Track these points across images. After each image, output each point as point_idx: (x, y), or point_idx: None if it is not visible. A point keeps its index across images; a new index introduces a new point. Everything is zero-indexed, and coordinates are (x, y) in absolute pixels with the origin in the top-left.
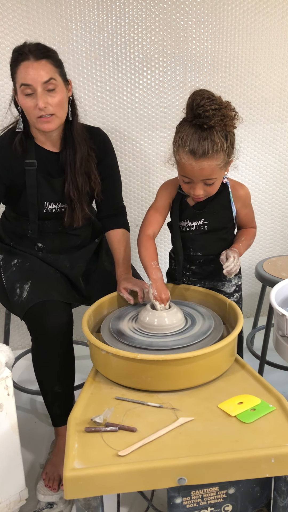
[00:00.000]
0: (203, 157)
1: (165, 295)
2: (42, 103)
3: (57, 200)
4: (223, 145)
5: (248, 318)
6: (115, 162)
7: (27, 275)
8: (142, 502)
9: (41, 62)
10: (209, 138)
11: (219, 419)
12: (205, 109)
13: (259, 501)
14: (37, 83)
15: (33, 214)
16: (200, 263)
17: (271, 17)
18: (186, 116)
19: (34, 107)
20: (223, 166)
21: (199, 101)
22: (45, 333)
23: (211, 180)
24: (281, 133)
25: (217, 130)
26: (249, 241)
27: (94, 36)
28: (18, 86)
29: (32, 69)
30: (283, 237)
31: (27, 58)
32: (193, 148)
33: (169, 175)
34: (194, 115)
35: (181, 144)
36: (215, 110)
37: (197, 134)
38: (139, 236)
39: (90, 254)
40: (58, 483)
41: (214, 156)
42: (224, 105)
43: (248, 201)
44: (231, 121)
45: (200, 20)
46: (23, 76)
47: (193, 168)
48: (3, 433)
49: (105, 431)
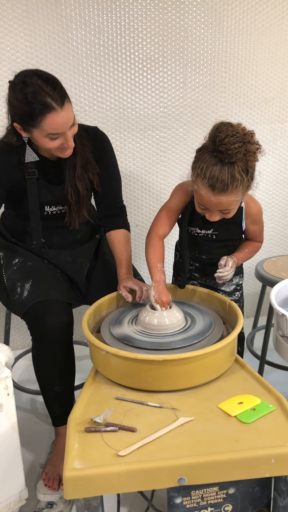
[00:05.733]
0: (222, 192)
1: (166, 298)
2: (72, 144)
3: (58, 203)
4: (243, 180)
5: (248, 318)
6: (115, 162)
7: (28, 274)
8: (142, 502)
9: (65, 107)
10: (229, 173)
11: (219, 419)
12: (228, 147)
13: (259, 501)
14: (66, 129)
15: (35, 221)
16: (204, 263)
17: (271, 17)
18: (207, 145)
19: (59, 145)
20: (241, 199)
21: (222, 138)
22: (45, 332)
23: (228, 210)
24: (281, 133)
25: (238, 165)
26: (251, 255)
27: (94, 36)
28: (40, 134)
29: (61, 120)
30: (283, 237)
31: (53, 109)
32: (212, 183)
33: (169, 175)
34: (215, 149)
35: (199, 175)
36: (238, 148)
37: (218, 167)
38: (149, 234)
39: (92, 250)
40: (58, 482)
41: (233, 191)
42: (248, 139)
43: (258, 219)
44: (253, 156)
45: (200, 20)
46: (53, 128)
47: (211, 201)
48: (3, 433)
49: (105, 431)
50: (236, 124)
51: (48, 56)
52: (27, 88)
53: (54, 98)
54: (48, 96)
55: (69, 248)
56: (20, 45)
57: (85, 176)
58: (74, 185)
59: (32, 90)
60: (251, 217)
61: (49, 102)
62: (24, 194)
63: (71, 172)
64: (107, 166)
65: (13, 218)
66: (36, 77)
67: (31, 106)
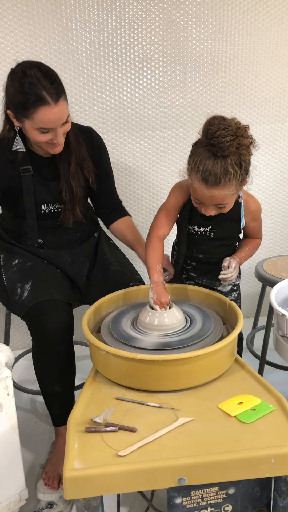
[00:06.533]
0: (214, 186)
1: (165, 299)
2: (61, 141)
3: (55, 201)
4: (236, 173)
5: (248, 318)
6: (109, 161)
7: (28, 275)
8: (142, 502)
9: (60, 103)
10: (222, 167)
11: (219, 419)
12: (220, 140)
13: (259, 501)
14: (58, 125)
15: (31, 220)
16: (201, 262)
17: (271, 17)
18: (201, 139)
19: (48, 140)
20: (235, 193)
21: (214, 131)
22: (45, 333)
23: (222, 204)
24: (281, 133)
25: (231, 159)
26: (252, 252)
27: (94, 36)
28: (31, 125)
29: (53, 115)
30: (283, 237)
31: (47, 103)
32: (205, 176)
33: (169, 175)
34: (208, 142)
35: (193, 168)
36: (230, 141)
37: (211, 160)
38: (149, 235)
39: (91, 249)
40: (58, 481)
41: (226, 185)
42: (240, 133)
43: (258, 215)
44: (246, 150)
45: (200, 20)
46: (43, 122)
47: (204, 194)
48: (3, 433)
49: (105, 431)
50: (230, 118)
51: (48, 56)
52: (25, 78)
53: (49, 92)
54: (44, 90)
55: (67, 247)
56: (20, 45)
57: (79, 174)
58: (69, 183)
59: (29, 81)
60: (251, 214)
61: (44, 95)
62: (19, 193)
63: (66, 170)
64: (105, 166)
65: (10, 219)
66: (37, 69)
67: (26, 97)
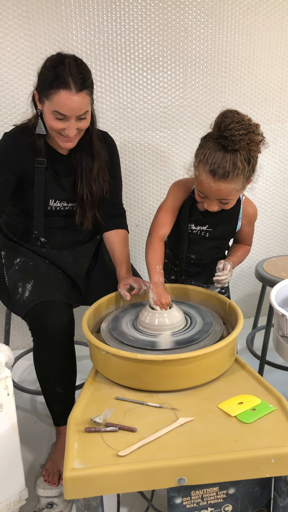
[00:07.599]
0: (222, 179)
1: (165, 300)
2: (72, 133)
3: (63, 199)
4: (244, 169)
5: (248, 318)
6: (119, 164)
7: (30, 274)
8: (142, 502)
9: (81, 94)
10: (231, 161)
11: (219, 419)
12: (233, 133)
13: (259, 501)
14: (72, 115)
15: (38, 213)
16: (190, 263)
17: (271, 17)
18: (212, 132)
19: (61, 129)
20: (240, 189)
21: (228, 124)
22: (46, 333)
23: (227, 200)
24: (281, 133)
25: (241, 154)
26: (242, 258)
27: (94, 36)
28: (49, 108)
29: (70, 102)
30: (283, 237)
31: (68, 87)
32: (214, 168)
33: (169, 175)
34: (220, 135)
35: (202, 161)
36: (242, 135)
37: (220, 154)
38: (149, 235)
39: (92, 251)
40: (58, 477)
41: (233, 179)
42: (252, 129)
43: (253, 220)
44: (256, 146)
45: (200, 20)
46: (60, 106)
47: (211, 187)
48: (3, 433)
49: (105, 431)
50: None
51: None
52: (59, 61)
53: (74, 80)
54: (70, 76)
55: (70, 248)
56: (20, 45)
57: (99, 179)
58: (89, 185)
59: (60, 63)
60: (248, 217)
61: (68, 80)
62: (30, 185)
63: (88, 173)
64: (113, 168)
65: (15, 215)
66: (72, 58)
67: (52, 76)
